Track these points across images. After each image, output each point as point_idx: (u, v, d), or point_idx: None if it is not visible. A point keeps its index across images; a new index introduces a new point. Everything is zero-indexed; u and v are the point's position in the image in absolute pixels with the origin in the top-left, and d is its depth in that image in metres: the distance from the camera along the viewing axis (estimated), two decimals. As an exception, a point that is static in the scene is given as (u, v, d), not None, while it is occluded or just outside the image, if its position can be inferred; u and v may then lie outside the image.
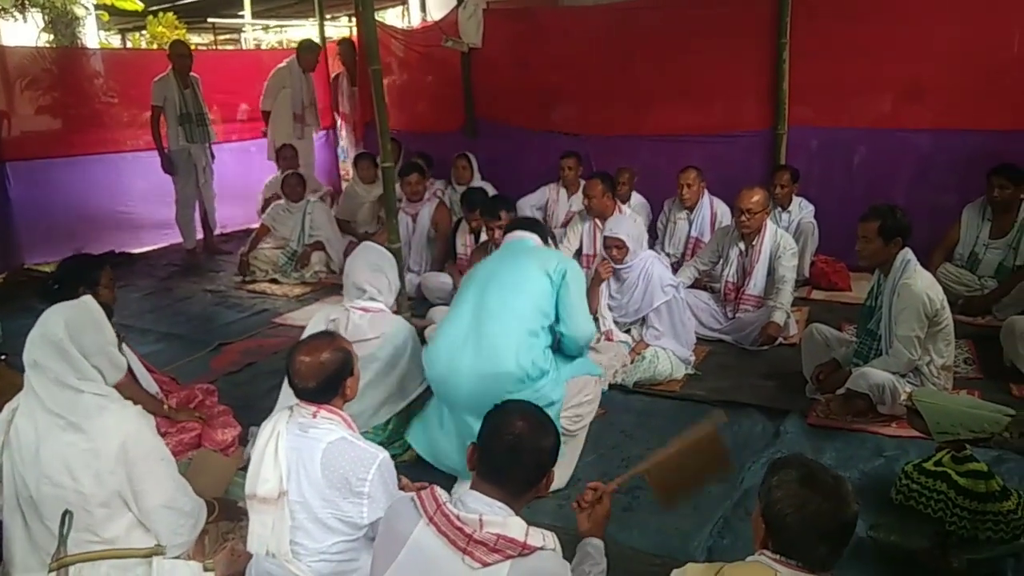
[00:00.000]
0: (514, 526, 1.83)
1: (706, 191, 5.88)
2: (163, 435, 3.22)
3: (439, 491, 1.92)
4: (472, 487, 1.93)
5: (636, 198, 6.37)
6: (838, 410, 3.76)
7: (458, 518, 1.83)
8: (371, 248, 3.86)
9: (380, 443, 3.38)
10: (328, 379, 2.36)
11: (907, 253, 3.67)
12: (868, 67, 5.87)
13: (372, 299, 3.58)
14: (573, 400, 3.35)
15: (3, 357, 3.55)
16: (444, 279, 5.73)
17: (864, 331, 3.91)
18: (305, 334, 3.38)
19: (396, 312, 3.88)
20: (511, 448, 1.91)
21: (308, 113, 7.99)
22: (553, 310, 3.27)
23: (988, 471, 2.77)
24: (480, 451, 1.96)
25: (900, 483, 2.93)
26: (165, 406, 3.52)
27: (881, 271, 3.79)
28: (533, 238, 3.56)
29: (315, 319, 3.64)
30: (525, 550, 1.80)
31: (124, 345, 3.46)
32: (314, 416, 2.34)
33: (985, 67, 5.51)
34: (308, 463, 2.27)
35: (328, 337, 2.52)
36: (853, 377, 3.70)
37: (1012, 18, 5.45)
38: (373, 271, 3.62)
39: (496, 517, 1.84)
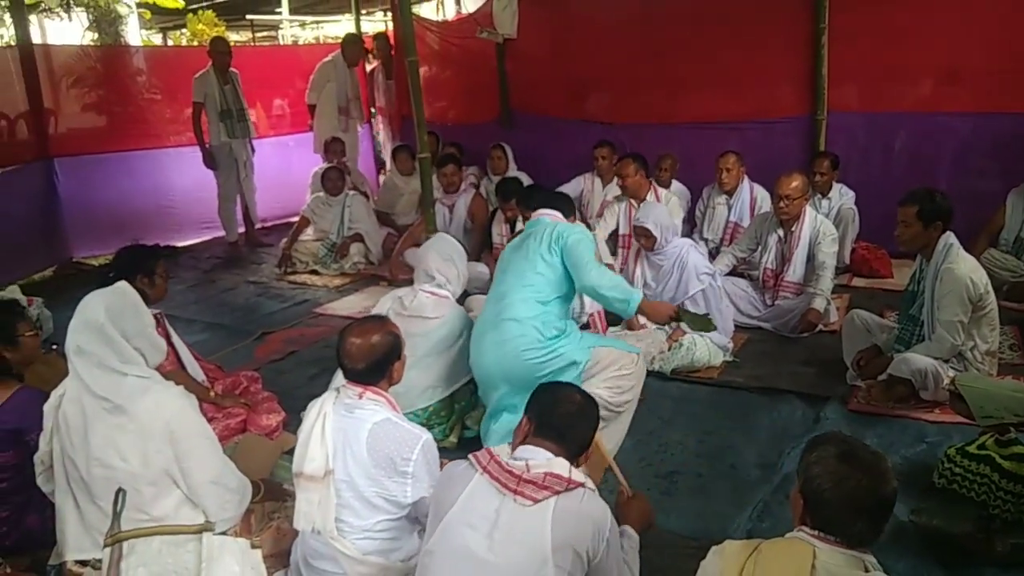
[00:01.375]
0: (559, 464, 1.96)
1: (746, 176, 5.83)
2: (209, 420, 3.30)
3: (494, 448, 2.04)
4: (526, 443, 2.04)
5: (676, 185, 6.34)
6: (880, 396, 3.73)
7: (508, 464, 1.96)
8: (445, 239, 4.01)
9: (427, 417, 3.51)
10: (377, 361, 2.41)
11: (949, 237, 3.61)
12: (908, 50, 5.77)
13: (440, 286, 3.73)
14: (610, 371, 3.37)
15: (54, 347, 3.67)
16: (481, 269, 5.77)
17: (906, 316, 3.87)
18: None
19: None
20: (573, 413, 2.08)
21: (353, 106, 8.07)
22: (563, 280, 3.36)
23: (1033, 454, 2.74)
24: (537, 418, 2.06)
25: (943, 467, 2.90)
26: (211, 392, 3.61)
27: (923, 256, 3.74)
28: (552, 214, 3.60)
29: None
30: (571, 485, 1.92)
31: (174, 333, 3.58)
32: (360, 397, 2.39)
33: (1025, 48, 5.39)
34: (354, 443, 2.33)
35: (379, 320, 2.58)
36: (895, 363, 3.66)
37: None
38: (445, 260, 3.77)
39: (541, 460, 1.96)
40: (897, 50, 5.81)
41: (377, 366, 2.42)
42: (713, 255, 5.44)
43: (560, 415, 2.06)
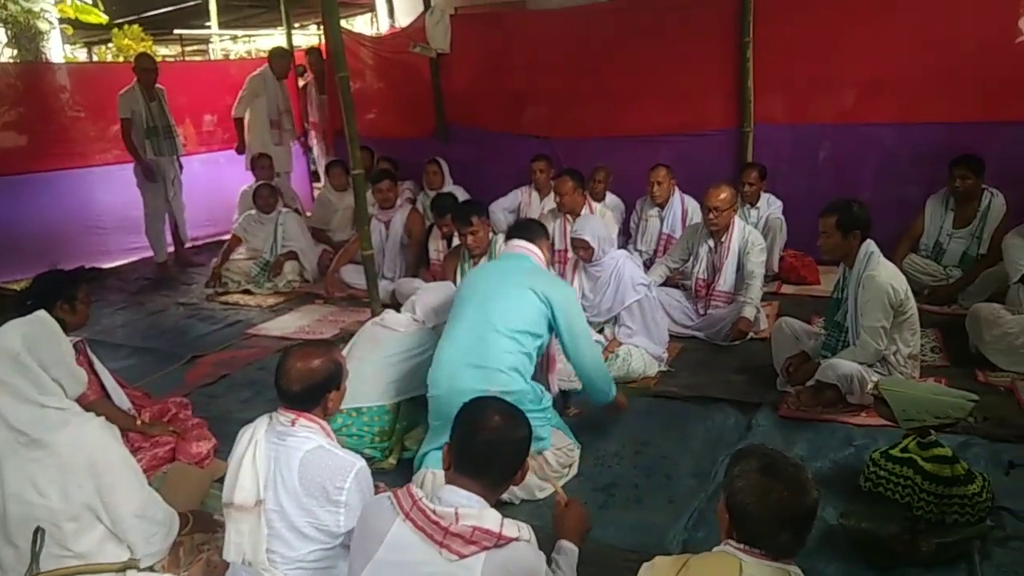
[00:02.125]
0: (489, 517, 1.86)
1: (677, 188, 5.94)
2: (136, 450, 3.24)
3: (414, 488, 1.94)
4: (448, 482, 1.96)
5: (610, 198, 6.43)
6: (808, 401, 3.82)
7: (434, 512, 1.86)
8: (448, 289, 4.11)
9: (371, 437, 3.52)
10: (314, 386, 2.35)
11: (870, 245, 3.73)
12: (831, 63, 5.98)
13: (419, 321, 3.90)
14: (560, 443, 3.41)
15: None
16: (418, 285, 5.69)
17: (832, 323, 3.98)
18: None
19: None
20: (489, 442, 1.95)
21: (285, 119, 7.93)
22: (544, 332, 3.32)
23: (953, 455, 2.83)
24: (457, 447, 1.99)
25: (868, 470, 2.98)
26: (138, 421, 3.50)
27: (846, 264, 3.86)
28: (533, 255, 3.55)
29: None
30: (500, 540, 1.84)
31: (96, 361, 3.46)
32: (292, 424, 2.33)
33: (945, 60, 5.62)
34: (285, 471, 2.27)
35: (326, 346, 2.52)
36: (822, 368, 3.76)
37: (970, 11, 5.55)
38: (438, 308, 3.88)
39: (471, 509, 1.87)
40: (820, 63, 6.01)
41: (313, 391, 2.36)
42: (647, 266, 5.52)
43: (478, 446, 1.96)
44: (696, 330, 5.00)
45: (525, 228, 3.73)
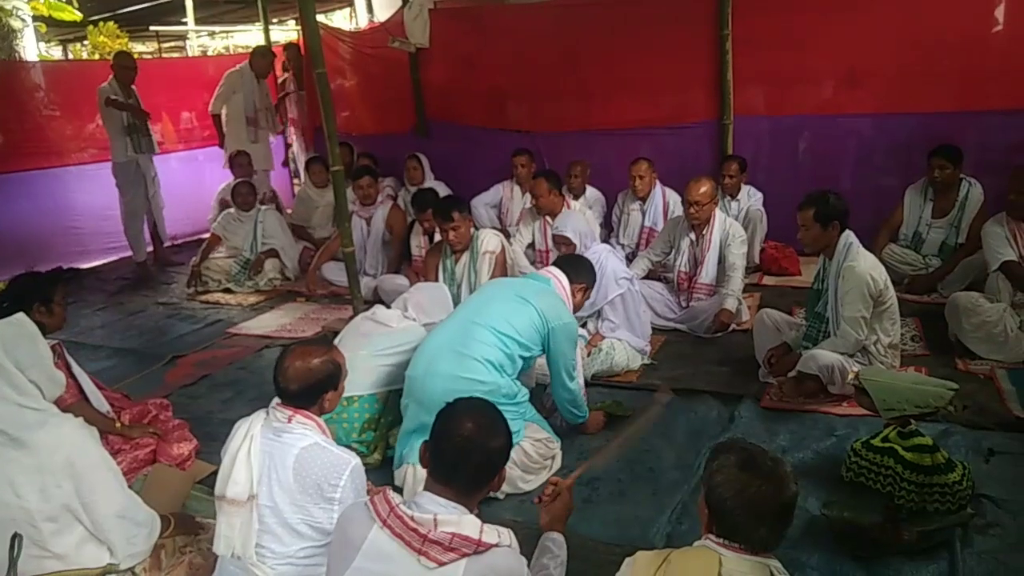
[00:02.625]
0: (468, 524, 1.85)
1: (658, 182, 5.95)
2: (116, 452, 3.21)
3: (391, 493, 1.92)
4: (425, 488, 1.94)
5: (591, 192, 6.42)
6: (790, 392, 3.85)
7: (412, 519, 1.83)
8: (440, 290, 4.24)
9: (361, 425, 3.53)
10: (311, 386, 2.36)
11: (849, 236, 3.75)
12: (809, 55, 5.99)
13: (410, 318, 3.92)
14: (538, 434, 3.41)
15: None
16: (401, 281, 5.71)
17: (812, 314, 4.00)
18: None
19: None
20: (460, 449, 1.92)
21: (262, 116, 7.82)
22: (535, 347, 3.37)
23: (933, 444, 2.85)
24: (431, 450, 1.97)
25: (850, 460, 3.00)
26: (117, 424, 3.46)
27: (825, 255, 3.88)
28: (557, 282, 3.60)
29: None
30: (480, 547, 1.82)
31: (75, 363, 3.42)
32: (289, 420, 2.33)
33: (922, 51, 5.64)
34: (280, 468, 2.27)
35: (325, 346, 2.53)
36: (803, 359, 3.78)
37: (947, 2, 5.58)
38: (428, 305, 3.97)
39: (450, 516, 1.85)
40: (798, 55, 6.01)
41: (310, 390, 2.37)
42: (629, 260, 5.53)
43: (449, 451, 1.93)
44: (678, 323, 5.01)
45: (571, 264, 3.78)
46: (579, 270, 3.74)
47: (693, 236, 4.99)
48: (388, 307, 5.23)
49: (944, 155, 5.10)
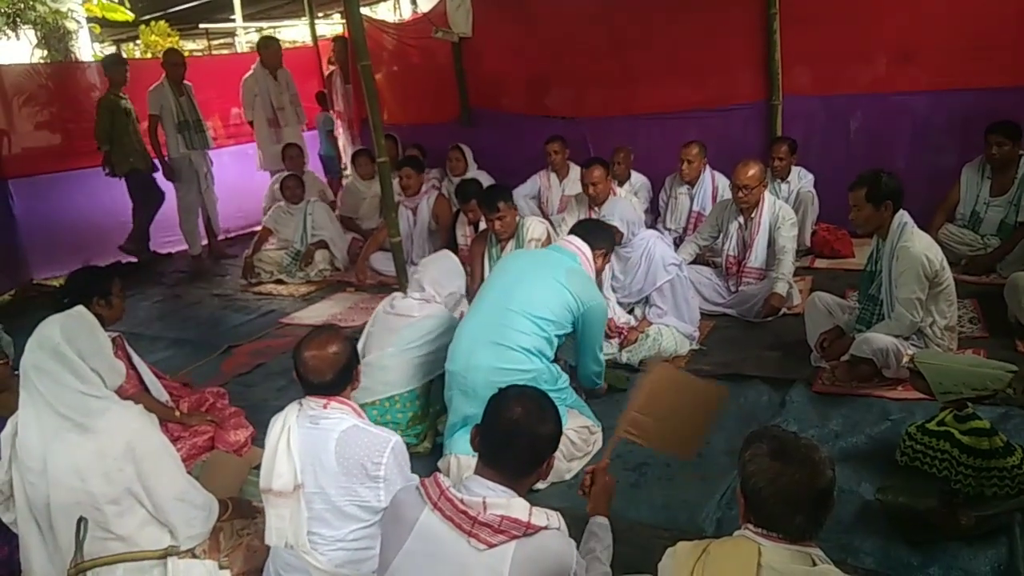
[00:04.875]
0: (517, 507, 1.87)
1: (707, 165, 5.87)
2: (176, 440, 3.31)
3: (442, 477, 1.96)
4: (476, 472, 1.97)
5: (636, 177, 6.38)
6: (843, 376, 3.78)
7: (462, 502, 1.86)
8: (447, 257, 4.11)
9: (406, 422, 3.56)
10: (343, 368, 2.42)
11: (903, 216, 3.67)
12: (860, 31, 5.85)
13: (430, 298, 3.83)
14: (579, 421, 3.42)
15: (16, 372, 3.60)
16: (447, 270, 5.75)
17: (865, 296, 3.92)
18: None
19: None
20: (507, 433, 1.95)
21: (282, 115, 7.81)
22: (567, 326, 3.39)
23: (991, 428, 2.78)
24: (482, 435, 2.00)
25: (904, 444, 2.95)
26: (176, 412, 3.57)
27: (879, 236, 3.80)
28: (582, 256, 3.59)
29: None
30: (529, 530, 1.84)
31: (135, 354, 3.53)
32: (325, 407, 2.38)
33: (977, 25, 5.47)
34: (322, 453, 2.32)
35: (330, 331, 2.57)
36: (856, 343, 3.72)
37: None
38: (441, 277, 3.88)
39: (499, 499, 1.87)
40: (849, 32, 5.88)
41: (344, 373, 2.43)
42: (677, 244, 5.48)
43: (497, 436, 1.96)
44: (728, 307, 4.96)
45: (591, 231, 3.76)
46: (597, 236, 3.74)
47: (742, 220, 4.92)
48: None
49: (1002, 131, 4.94)
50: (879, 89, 5.96)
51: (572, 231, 3.81)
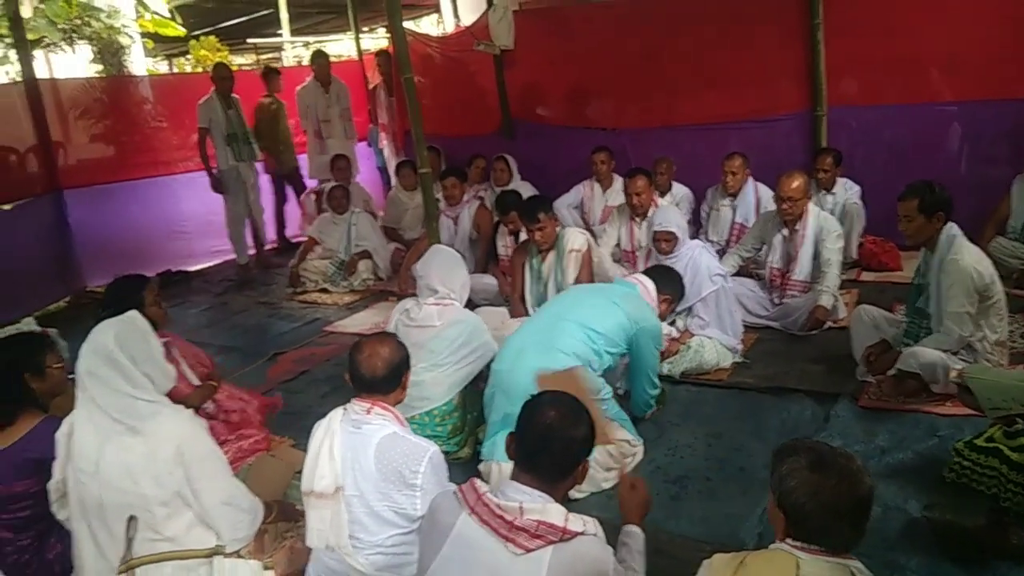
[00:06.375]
0: (553, 512, 1.87)
1: (750, 177, 5.83)
2: (223, 443, 3.36)
3: (479, 482, 1.98)
4: (512, 477, 1.98)
5: (678, 188, 6.35)
6: (890, 391, 3.72)
7: (499, 507, 1.88)
8: (441, 250, 4.10)
9: (446, 434, 3.58)
10: (394, 369, 2.49)
11: (952, 228, 3.61)
12: (906, 40, 5.76)
13: (444, 298, 3.81)
14: (619, 434, 3.42)
15: (71, 375, 3.71)
16: (488, 280, 5.79)
17: (913, 310, 3.86)
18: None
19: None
20: (542, 437, 1.96)
21: (327, 127, 8.04)
22: (622, 346, 3.45)
23: (1043, 445, 2.72)
24: (517, 440, 2.02)
25: (952, 461, 2.90)
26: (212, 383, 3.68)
27: (927, 248, 3.74)
28: (643, 287, 3.68)
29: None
30: (566, 535, 1.84)
31: (182, 361, 3.61)
32: (368, 412, 2.42)
33: (1027, 32, 5.36)
34: (362, 458, 2.36)
35: (386, 335, 2.66)
36: (904, 357, 3.65)
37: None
38: (446, 272, 3.86)
39: (535, 504, 1.88)
40: (895, 41, 5.80)
41: (394, 373, 2.49)
42: (719, 256, 5.43)
43: (532, 440, 1.97)
44: (771, 320, 4.91)
45: (660, 274, 3.87)
46: (667, 281, 3.83)
47: (786, 232, 4.88)
48: (477, 306, 5.35)
49: (1056, 142, 4.83)
50: (927, 99, 5.87)
51: (645, 272, 3.91)
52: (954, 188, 3.75)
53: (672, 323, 4.54)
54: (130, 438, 2.36)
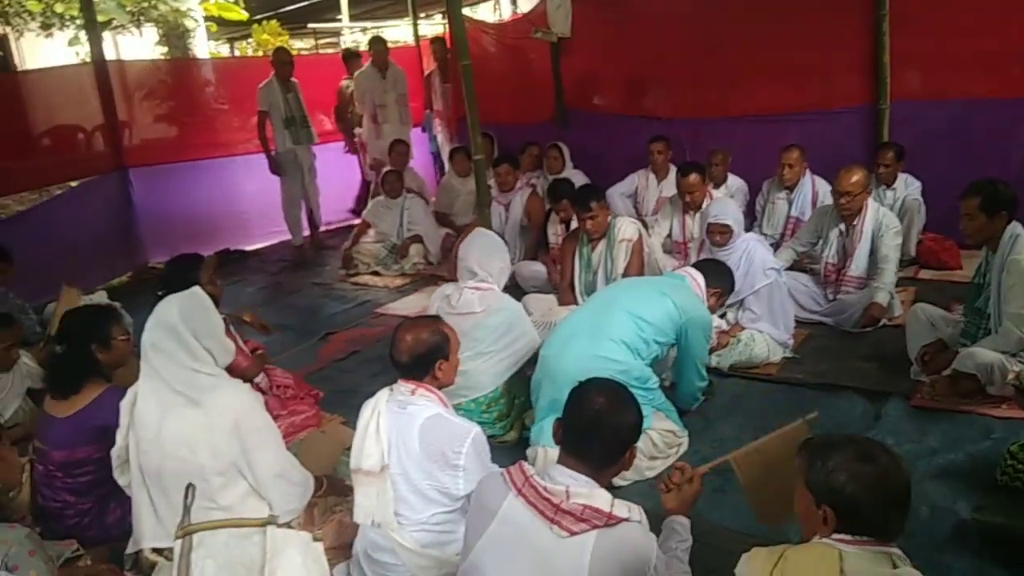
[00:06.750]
0: (599, 497, 1.90)
1: (807, 170, 5.73)
2: (276, 418, 3.44)
3: (526, 465, 2.01)
4: (559, 461, 2.01)
5: (733, 180, 6.27)
6: (944, 391, 3.64)
7: (545, 489, 1.91)
8: (483, 234, 4.15)
9: (492, 420, 3.63)
10: (420, 356, 2.52)
11: (1015, 227, 3.52)
12: (974, 33, 5.59)
13: (482, 281, 3.83)
14: (664, 424, 3.43)
15: (136, 348, 3.84)
16: (537, 267, 5.81)
17: (972, 310, 3.77)
18: (431, 307, 3.88)
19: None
20: (591, 423, 1.98)
21: (382, 112, 8.09)
22: (670, 336, 3.44)
23: (1101, 451, 2.65)
24: (564, 425, 2.04)
25: (1005, 464, 2.84)
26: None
27: (989, 247, 3.65)
28: (692, 280, 3.67)
29: (434, 295, 4.01)
30: (611, 520, 1.86)
31: (238, 337, 3.72)
32: (412, 393, 2.49)
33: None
34: (407, 437, 2.42)
35: (432, 319, 2.69)
36: (960, 357, 3.57)
37: None
38: (486, 256, 3.89)
39: (582, 489, 1.91)
40: (963, 34, 5.63)
41: (420, 361, 2.52)
42: (773, 250, 5.36)
43: (580, 425, 1.99)
44: (824, 316, 4.84)
45: (711, 269, 3.84)
46: (717, 275, 3.79)
47: (843, 227, 4.79)
48: (525, 292, 5.38)
49: None
50: (995, 94, 5.67)
51: (694, 265, 3.89)
52: (1019, 186, 3.65)
53: (723, 316, 4.51)
54: (190, 409, 2.45)
